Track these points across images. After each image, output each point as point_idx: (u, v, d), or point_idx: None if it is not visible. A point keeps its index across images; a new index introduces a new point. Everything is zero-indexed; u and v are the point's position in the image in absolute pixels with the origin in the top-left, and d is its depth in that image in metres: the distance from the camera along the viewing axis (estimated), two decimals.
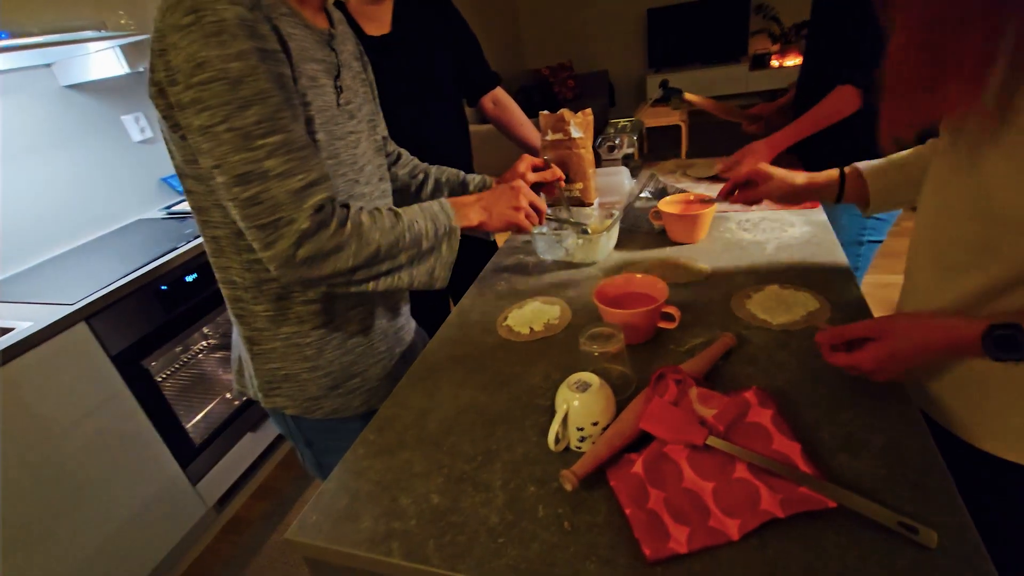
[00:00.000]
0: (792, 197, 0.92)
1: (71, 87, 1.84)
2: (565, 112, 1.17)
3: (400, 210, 0.79)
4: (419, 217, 0.79)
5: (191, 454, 1.67)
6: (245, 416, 1.86)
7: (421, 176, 1.09)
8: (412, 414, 0.78)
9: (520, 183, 0.92)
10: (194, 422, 1.72)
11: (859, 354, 0.61)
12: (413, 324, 1.06)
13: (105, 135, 1.95)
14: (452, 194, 1.09)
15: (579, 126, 1.17)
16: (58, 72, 1.81)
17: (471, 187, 1.09)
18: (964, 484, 0.54)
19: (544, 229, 1.13)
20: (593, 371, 0.69)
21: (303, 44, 0.72)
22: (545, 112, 1.19)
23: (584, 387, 0.65)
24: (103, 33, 1.61)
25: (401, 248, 0.76)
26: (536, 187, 1.09)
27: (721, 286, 0.95)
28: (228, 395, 1.86)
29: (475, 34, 1.47)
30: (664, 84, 2.18)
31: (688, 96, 1.54)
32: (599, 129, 1.43)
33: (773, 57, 5.18)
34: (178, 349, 1.69)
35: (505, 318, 0.96)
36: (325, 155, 0.76)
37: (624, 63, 5.95)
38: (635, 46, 5.86)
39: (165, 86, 0.64)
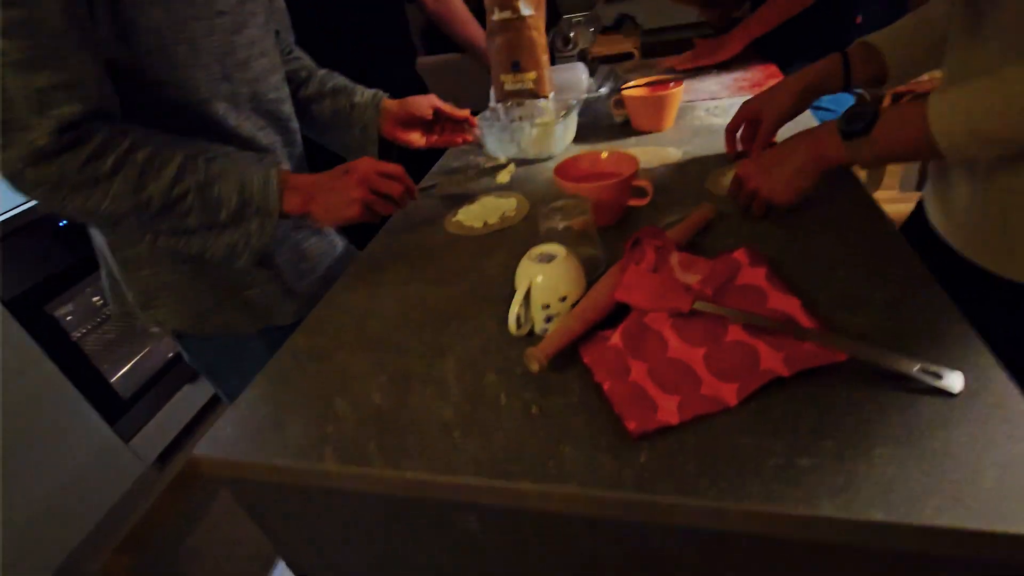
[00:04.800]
0: (800, 107, 0.77)
1: None
2: None
3: (204, 163, 0.63)
4: (226, 180, 0.64)
5: (119, 410, 1.51)
6: (181, 367, 1.70)
7: (304, 74, 0.91)
8: (350, 315, 0.66)
9: (362, 165, 0.71)
10: (121, 374, 1.55)
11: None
12: (336, 239, 0.92)
13: None
14: (336, 112, 0.90)
15: (529, 3, 1.02)
16: None
17: (356, 99, 0.90)
18: (989, 318, 0.48)
19: (492, 125, 1.00)
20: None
21: None
22: None
23: (548, 259, 0.55)
24: None
25: (187, 209, 0.62)
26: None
27: (694, 168, 0.85)
28: (156, 343, 1.69)
29: None
30: (617, 20, 2.07)
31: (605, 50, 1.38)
32: (552, 22, 1.29)
33: None
34: (96, 299, 1.50)
35: (455, 215, 0.84)
36: (167, 39, 0.61)
37: None
38: None
39: None
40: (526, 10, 1.02)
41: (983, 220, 0.62)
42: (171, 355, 1.69)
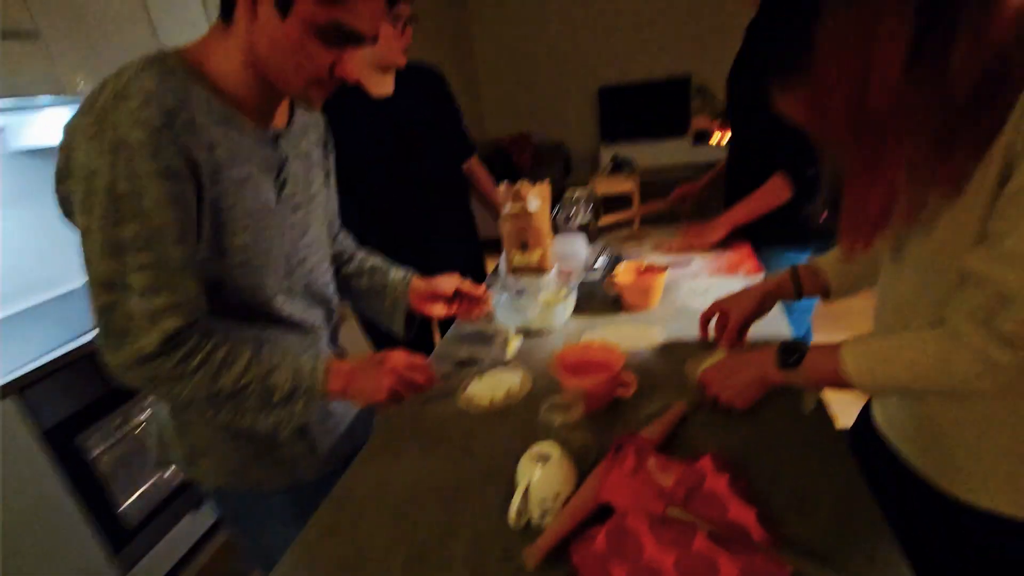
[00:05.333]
0: (760, 311, 0.92)
1: (20, 152, 1.80)
2: (523, 185, 1.23)
3: (267, 354, 0.76)
4: (281, 368, 0.75)
5: (123, 539, 1.53)
6: (188, 495, 1.74)
7: (347, 256, 1.08)
8: (370, 489, 0.75)
9: (394, 356, 0.82)
10: (130, 502, 1.59)
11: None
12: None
13: (48, 198, 1.89)
14: (371, 287, 1.06)
15: (537, 197, 1.22)
16: (9, 136, 1.77)
17: (390, 277, 1.06)
18: (924, 524, 0.56)
19: (504, 297, 1.15)
20: (554, 440, 0.70)
21: (233, 149, 0.72)
22: (503, 186, 1.25)
23: (545, 458, 0.65)
24: (56, 99, 1.60)
25: (249, 394, 0.74)
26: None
27: (675, 352, 0.98)
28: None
29: (459, 108, 1.64)
30: (614, 158, 2.35)
31: (605, 219, 1.62)
32: (556, 197, 1.50)
33: (712, 133, 5.60)
34: (117, 421, 1.59)
35: (465, 388, 0.96)
36: (250, 256, 0.76)
37: (578, 135, 6.30)
38: (588, 120, 6.23)
39: (64, 178, 0.67)
40: (534, 206, 1.22)
41: (918, 433, 0.71)
42: (177, 483, 1.73)
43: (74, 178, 0.64)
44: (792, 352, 0.68)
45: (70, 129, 0.65)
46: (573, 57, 5.98)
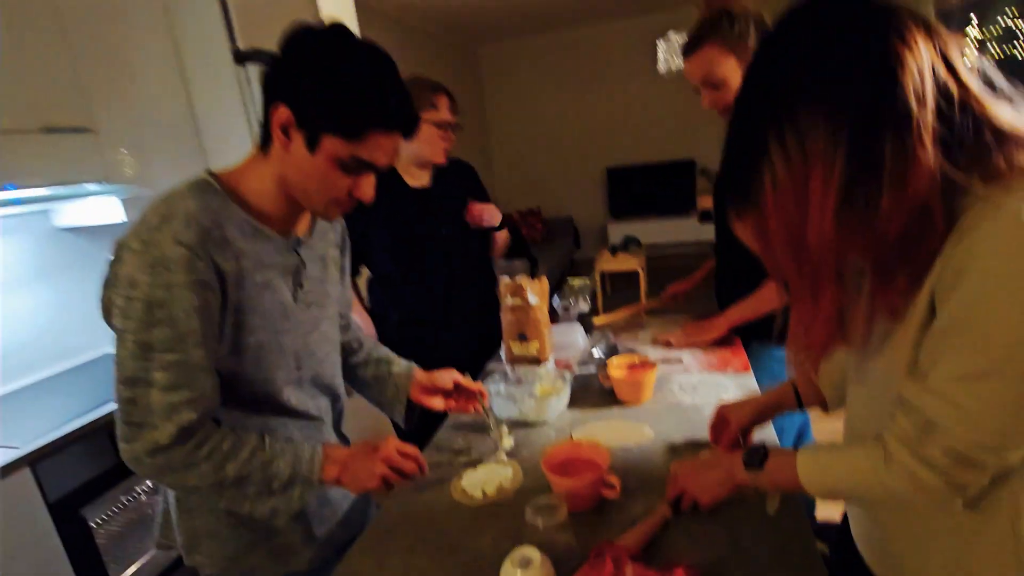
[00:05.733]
0: (758, 420, 0.96)
1: (66, 229, 1.95)
2: (523, 280, 1.31)
3: (270, 444, 0.81)
4: (282, 457, 0.81)
5: None
6: (179, 572, 1.73)
7: (356, 345, 1.15)
8: None
9: (387, 445, 0.88)
10: None
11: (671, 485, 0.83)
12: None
13: (91, 272, 2.02)
14: (376, 376, 1.12)
15: (536, 293, 1.30)
16: (54, 215, 1.93)
17: (394, 369, 1.11)
18: None
19: (500, 388, 1.21)
20: (538, 541, 0.73)
21: (258, 257, 0.82)
22: (505, 279, 1.33)
23: (527, 563, 0.69)
24: (104, 186, 1.76)
25: (251, 482, 0.79)
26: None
27: (663, 452, 1.02)
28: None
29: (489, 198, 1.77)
30: (623, 239, 2.43)
31: (603, 319, 1.68)
32: (564, 270, 1.58)
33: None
34: (120, 496, 1.61)
35: (460, 478, 1.00)
36: (264, 352, 0.83)
37: (587, 211, 6.52)
38: (597, 197, 6.47)
39: (110, 285, 0.75)
40: (533, 300, 1.30)
41: (875, 542, 0.74)
42: (169, 563, 1.73)
43: (117, 287, 0.73)
44: (756, 456, 0.73)
45: (120, 244, 0.74)
46: (583, 138, 6.30)
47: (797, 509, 0.82)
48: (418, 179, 1.59)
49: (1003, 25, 3.15)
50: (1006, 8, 3.15)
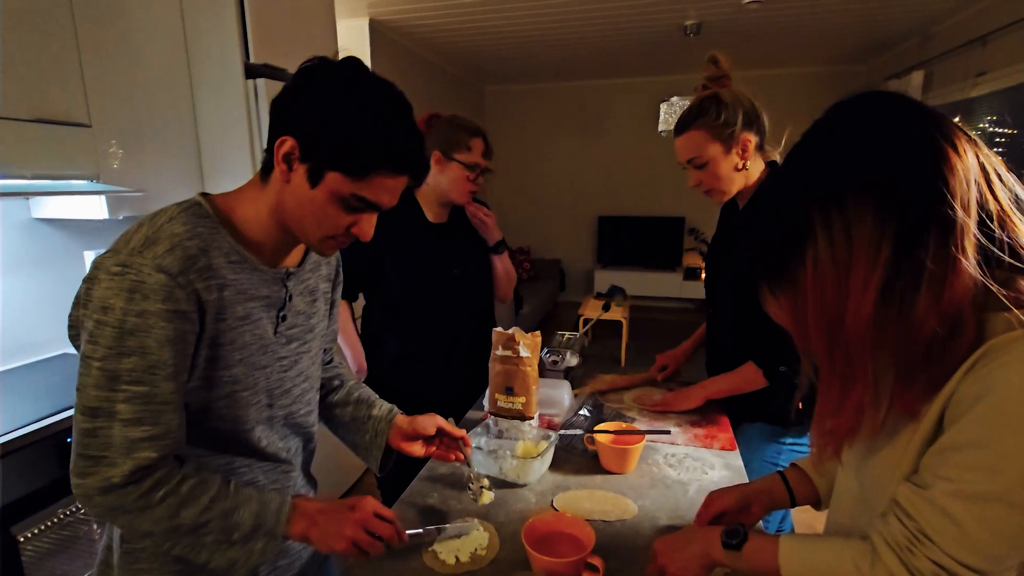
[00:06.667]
0: (742, 509, 0.91)
1: (43, 220, 1.87)
2: (517, 332, 1.28)
3: (233, 490, 0.75)
4: (246, 507, 0.75)
5: None
6: None
7: (336, 383, 1.10)
8: None
9: (364, 505, 0.82)
10: None
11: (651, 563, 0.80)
12: None
13: (64, 267, 1.93)
14: (355, 418, 1.06)
15: (527, 346, 1.27)
16: (34, 205, 1.85)
17: (374, 412, 1.06)
18: None
19: (482, 442, 1.16)
20: None
21: (242, 287, 0.77)
22: (498, 329, 1.30)
23: None
24: (95, 184, 1.70)
25: (208, 531, 0.73)
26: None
27: (647, 530, 0.98)
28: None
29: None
30: (609, 288, 2.43)
31: (593, 386, 1.63)
32: (547, 316, 1.55)
33: (702, 272, 5.88)
34: (53, 515, 1.50)
35: (431, 542, 0.94)
36: (237, 388, 0.79)
37: (576, 256, 6.59)
38: (586, 243, 6.55)
39: (80, 305, 0.71)
40: (524, 352, 1.27)
41: None
42: None
43: (89, 308, 0.68)
44: (735, 536, 0.71)
45: (97, 263, 0.70)
46: (578, 184, 6.42)
47: None
48: (437, 215, 1.60)
49: (988, 130, 3.33)
50: (986, 116, 3.34)
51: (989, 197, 0.53)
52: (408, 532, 0.87)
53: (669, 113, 5.10)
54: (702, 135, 1.27)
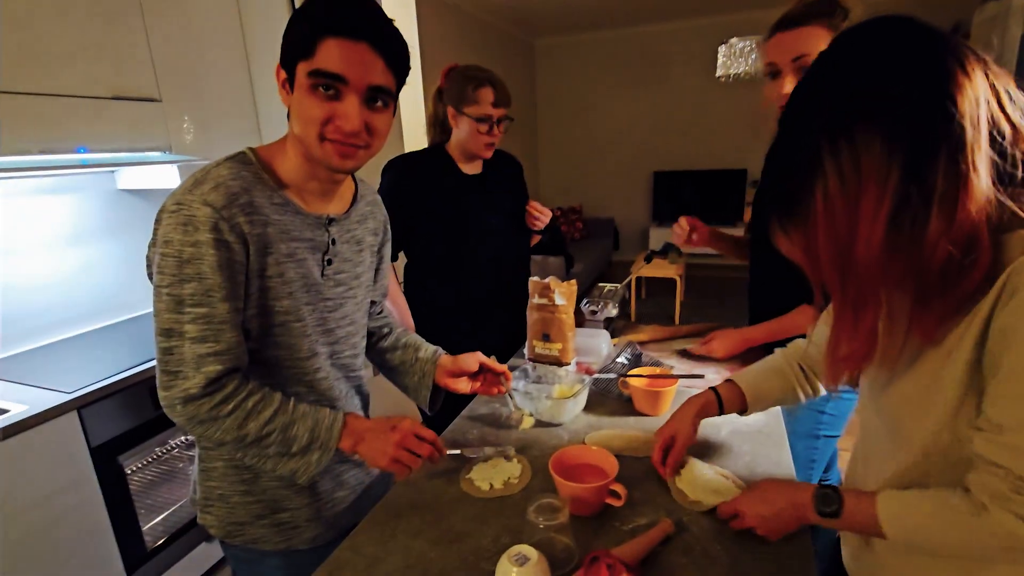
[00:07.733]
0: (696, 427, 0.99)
1: (127, 191, 2.07)
2: (552, 281, 1.32)
3: (292, 406, 0.85)
4: (302, 422, 0.85)
5: (141, 558, 1.63)
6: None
7: (386, 331, 1.19)
8: (364, 560, 0.82)
9: (404, 426, 0.90)
10: (152, 524, 1.69)
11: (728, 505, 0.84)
12: (366, 471, 1.08)
13: (145, 233, 2.14)
14: (403, 362, 1.15)
15: (563, 295, 1.31)
16: (119, 177, 2.05)
17: (420, 354, 1.14)
18: None
19: (520, 384, 1.22)
20: (538, 540, 0.75)
21: (286, 228, 0.86)
22: (534, 278, 1.34)
23: (523, 560, 0.70)
24: (167, 155, 1.85)
25: (271, 443, 0.83)
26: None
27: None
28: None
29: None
30: (663, 245, 2.39)
31: (639, 336, 1.63)
32: (599, 274, 1.58)
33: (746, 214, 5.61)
34: (156, 447, 1.72)
35: (469, 470, 1.02)
36: (289, 318, 0.87)
37: (630, 213, 6.44)
38: (641, 200, 6.38)
39: (152, 244, 0.82)
40: (560, 300, 1.30)
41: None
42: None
43: (156, 245, 0.80)
44: (830, 503, 0.72)
45: (162, 208, 0.80)
46: (632, 139, 6.22)
47: (803, 539, 0.81)
48: (470, 167, 1.63)
49: None
50: None
51: (1000, 115, 0.51)
52: (449, 451, 0.95)
53: (728, 56, 4.81)
54: (821, 30, 1.17)
